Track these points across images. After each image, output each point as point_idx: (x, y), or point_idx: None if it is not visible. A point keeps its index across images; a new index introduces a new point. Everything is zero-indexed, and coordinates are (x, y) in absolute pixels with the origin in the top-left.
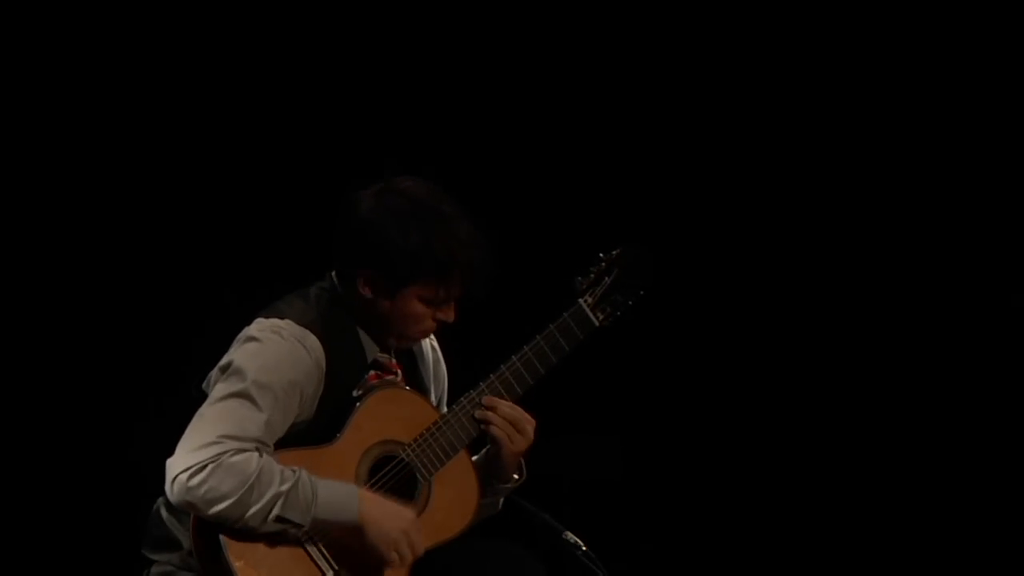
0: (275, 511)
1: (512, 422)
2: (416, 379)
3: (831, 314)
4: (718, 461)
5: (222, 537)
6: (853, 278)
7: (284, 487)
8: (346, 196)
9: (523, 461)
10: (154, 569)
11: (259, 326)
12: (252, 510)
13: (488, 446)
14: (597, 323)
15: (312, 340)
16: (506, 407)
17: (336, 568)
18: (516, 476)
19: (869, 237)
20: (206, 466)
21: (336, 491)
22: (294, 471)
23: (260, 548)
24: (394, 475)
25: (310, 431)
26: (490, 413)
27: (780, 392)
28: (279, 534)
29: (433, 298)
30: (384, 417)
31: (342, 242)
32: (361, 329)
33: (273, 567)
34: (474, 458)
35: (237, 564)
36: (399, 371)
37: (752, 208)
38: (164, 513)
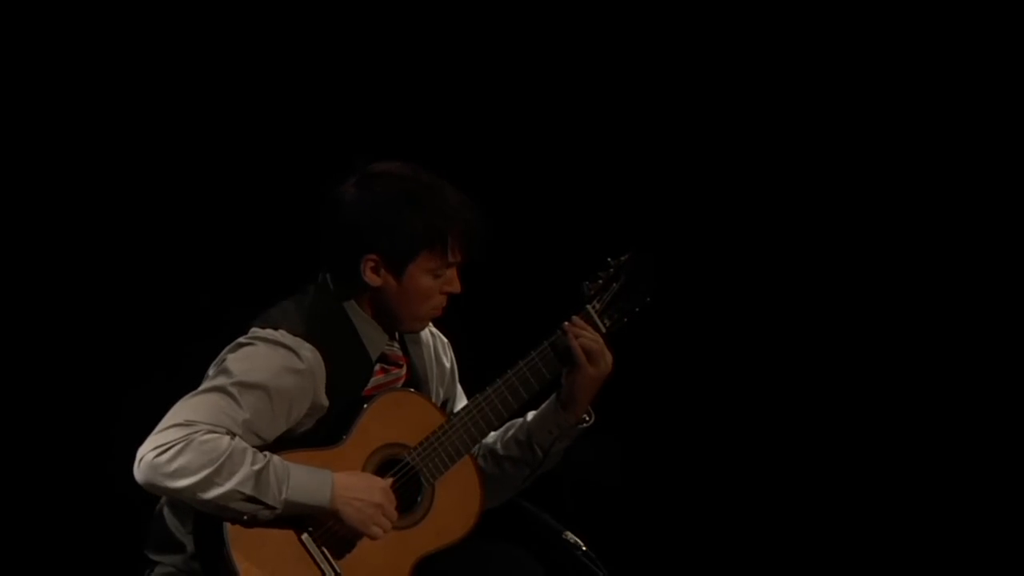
0: (246, 491)
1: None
2: (420, 369)
3: (831, 318)
4: (718, 461)
5: (226, 538)
6: (853, 285)
7: (256, 467)
8: (327, 194)
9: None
10: (157, 570)
11: (253, 335)
12: (221, 489)
13: (558, 389)
14: (604, 329)
15: (307, 351)
16: (589, 332)
17: (337, 571)
18: (587, 417)
19: (872, 247)
20: (175, 445)
21: (309, 476)
22: (265, 454)
23: (264, 550)
24: (399, 478)
25: (316, 432)
26: (577, 330)
27: (780, 392)
28: (284, 535)
29: (438, 267)
30: (391, 420)
31: (336, 238)
32: (363, 326)
33: (276, 569)
34: (541, 407)
35: (241, 566)
36: (405, 363)
37: (754, 210)
38: (167, 514)
